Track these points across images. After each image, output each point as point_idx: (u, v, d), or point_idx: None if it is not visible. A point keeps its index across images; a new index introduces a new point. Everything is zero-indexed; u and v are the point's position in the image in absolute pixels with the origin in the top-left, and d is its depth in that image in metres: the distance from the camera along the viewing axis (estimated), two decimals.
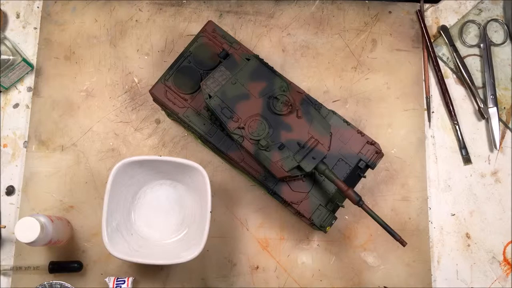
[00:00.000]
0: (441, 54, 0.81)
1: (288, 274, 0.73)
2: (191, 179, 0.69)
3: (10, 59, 0.74)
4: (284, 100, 0.64)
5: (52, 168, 0.74)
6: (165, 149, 0.76)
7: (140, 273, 0.72)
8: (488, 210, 0.76)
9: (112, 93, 0.77)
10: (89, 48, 0.78)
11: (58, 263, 0.70)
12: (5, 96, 0.78)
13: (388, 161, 0.76)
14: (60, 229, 0.68)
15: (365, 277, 0.73)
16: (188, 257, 0.63)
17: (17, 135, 0.76)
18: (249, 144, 0.63)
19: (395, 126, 0.77)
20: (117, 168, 0.65)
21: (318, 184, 0.66)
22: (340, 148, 0.68)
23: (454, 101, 0.79)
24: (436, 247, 0.75)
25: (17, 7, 0.81)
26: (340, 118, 0.68)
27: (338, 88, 0.78)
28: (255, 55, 0.68)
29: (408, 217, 0.75)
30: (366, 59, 0.79)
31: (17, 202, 0.74)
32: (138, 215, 0.71)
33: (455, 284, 0.74)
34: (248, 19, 0.80)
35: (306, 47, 0.80)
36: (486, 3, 0.83)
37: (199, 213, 0.69)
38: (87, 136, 0.75)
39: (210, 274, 0.72)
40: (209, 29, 0.71)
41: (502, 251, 0.75)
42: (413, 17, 0.82)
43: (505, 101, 0.79)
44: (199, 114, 0.68)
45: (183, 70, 0.69)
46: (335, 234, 0.74)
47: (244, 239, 0.73)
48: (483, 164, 0.78)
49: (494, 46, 0.81)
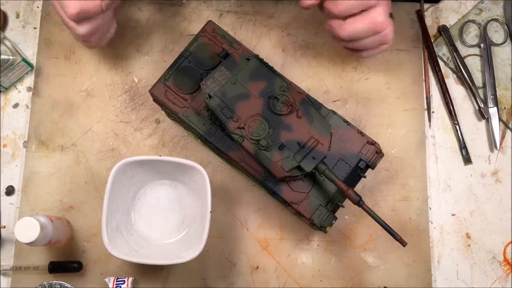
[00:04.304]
0: (441, 54, 0.81)
1: (288, 274, 0.73)
2: (191, 179, 0.69)
3: (10, 59, 0.74)
4: (284, 100, 0.64)
5: (52, 168, 0.74)
6: (165, 149, 0.76)
7: (140, 273, 0.72)
8: (489, 210, 0.76)
9: (112, 93, 0.77)
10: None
11: (58, 263, 0.70)
12: (5, 96, 0.78)
13: (388, 161, 0.76)
14: (60, 229, 0.68)
15: (365, 277, 0.73)
16: (188, 257, 0.63)
17: (17, 135, 0.76)
18: (249, 144, 0.63)
19: (395, 126, 0.77)
20: (117, 168, 0.65)
21: (318, 184, 0.66)
22: (340, 148, 0.67)
23: (454, 101, 0.79)
24: (436, 247, 0.75)
25: (17, 7, 0.81)
26: (340, 118, 0.68)
27: (338, 88, 0.78)
28: (255, 55, 0.68)
29: (408, 217, 0.74)
30: (366, 59, 0.79)
31: (17, 202, 0.74)
32: (138, 215, 0.71)
33: (455, 284, 0.74)
34: (248, 19, 0.80)
35: (306, 47, 0.80)
36: (486, 3, 0.83)
37: (199, 213, 0.69)
38: (87, 136, 0.75)
39: (210, 274, 0.72)
40: (209, 29, 0.71)
41: (503, 251, 0.75)
42: (413, 17, 0.82)
43: (505, 101, 0.79)
44: (199, 114, 0.68)
45: (183, 70, 0.69)
46: (335, 234, 0.74)
47: (244, 239, 0.73)
48: (483, 164, 0.78)
49: (494, 46, 0.81)
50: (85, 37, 0.65)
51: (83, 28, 0.64)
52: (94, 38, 0.67)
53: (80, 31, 0.64)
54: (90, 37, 0.66)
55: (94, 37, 0.67)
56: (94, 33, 0.65)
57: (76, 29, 0.64)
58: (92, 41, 0.67)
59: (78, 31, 0.64)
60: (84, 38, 0.65)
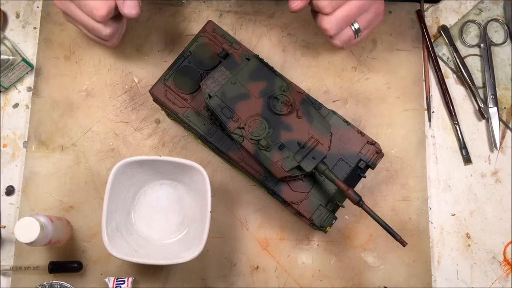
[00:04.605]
0: (441, 54, 0.81)
1: (288, 274, 0.73)
2: (191, 179, 0.69)
3: (10, 59, 0.74)
4: (284, 100, 0.64)
5: (52, 168, 0.74)
6: (165, 149, 0.76)
7: (140, 273, 0.72)
8: (489, 210, 0.76)
9: (112, 93, 0.77)
10: (89, 48, 0.78)
11: (58, 263, 0.70)
12: (5, 96, 0.78)
13: (388, 161, 0.76)
14: (60, 229, 0.68)
15: (365, 277, 0.73)
16: (188, 257, 0.63)
17: (17, 135, 0.76)
18: (249, 144, 0.63)
19: (395, 126, 0.77)
20: (117, 168, 0.65)
21: (318, 184, 0.66)
22: (340, 148, 0.67)
23: (454, 101, 0.79)
24: (436, 247, 0.75)
25: (17, 7, 0.81)
26: (340, 118, 0.68)
27: (338, 88, 0.78)
28: (255, 55, 0.68)
29: (408, 217, 0.74)
30: (366, 59, 0.79)
31: (17, 202, 0.74)
32: (138, 215, 0.71)
33: (455, 284, 0.74)
34: (248, 19, 0.80)
35: (306, 47, 0.80)
36: (486, 3, 0.83)
37: (199, 213, 0.69)
38: (87, 136, 0.75)
39: (210, 274, 0.72)
40: (209, 29, 0.71)
41: (503, 251, 0.75)
42: (413, 17, 0.82)
43: (505, 101, 0.79)
44: (199, 114, 0.68)
45: (183, 70, 0.69)
46: (335, 234, 0.74)
47: (244, 239, 0.73)
48: (483, 164, 0.78)
49: (494, 46, 0.81)
50: (109, 37, 0.66)
51: (109, 29, 0.65)
52: (116, 37, 0.69)
53: (106, 32, 0.65)
54: (113, 37, 0.67)
55: (116, 36, 0.68)
56: (117, 32, 0.67)
57: (103, 30, 0.65)
58: (114, 40, 0.69)
59: (104, 32, 0.65)
60: (108, 37, 0.66)
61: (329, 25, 0.63)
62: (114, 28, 0.66)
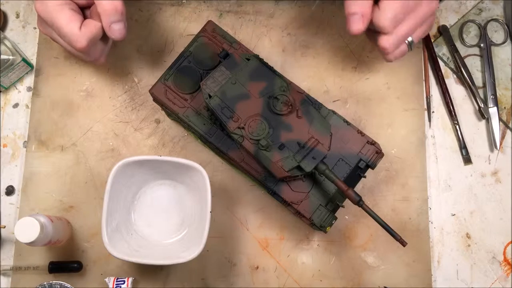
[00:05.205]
0: (441, 54, 0.81)
1: (288, 274, 0.73)
2: (191, 179, 0.69)
3: (10, 59, 0.74)
4: (284, 100, 0.64)
5: (52, 168, 0.74)
6: (165, 149, 0.76)
7: (140, 273, 0.72)
8: (489, 210, 0.76)
9: (112, 93, 0.77)
10: None
11: (57, 263, 0.70)
12: (5, 96, 0.78)
13: (388, 161, 0.76)
14: (60, 229, 0.68)
15: (365, 277, 0.73)
16: (188, 257, 0.63)
17: (17, 135, 0.76)
18: (249, 144, 0.63)
19: (395, 126, 0.77)
20: (117, 168, 0.65)
21: (318, 184, 0.66)
22: (340, 148, 0.67)
23: (454, 101, 0.79)
24: (436, 247, 0.75)
25: (17, 7, 0.81)
26: (340, 118, 0.68)
27: (338, 88, 0.78)
28: (255, 55, 0.68)
29: (408, 217, 0.74)
30: (366, 59, 0.79)
31: (16, 202, 0.74)
32: (138, 215, 0.71)
33: (455, 284, 0.74)
34: (248, 19, 0.80)
35: (306, 47, 0.80)
36: (486, 3, 0.83)
37: (199, 213, 0.69)
38: (87, 136, 0.75)
39: (210, 274, 0.72)
40: (209, 29, 0.71)
41: (503, 251, 0.75)
42: None
43: (506, 101, 0.79)
44: (199, 114, 0.68)
45: (183, 70, 0.69)
46: (335, 234, 0.74)
47: (244, 239, 0.73)
48: (484, 164, 0.78)
49: (494, 46, 0.81)
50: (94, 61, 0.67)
51: (93, 55, 0.65)
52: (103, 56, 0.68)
53: (90, 58, 0.65)
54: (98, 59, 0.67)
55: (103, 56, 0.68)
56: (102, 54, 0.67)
57: (87, 57, 0.65)
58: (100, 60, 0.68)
59: (88, 58, 0.65)
60: (93, 61, 0.67)
61: (388, 45, 0.62)
62: (98, 52, 0.65)
